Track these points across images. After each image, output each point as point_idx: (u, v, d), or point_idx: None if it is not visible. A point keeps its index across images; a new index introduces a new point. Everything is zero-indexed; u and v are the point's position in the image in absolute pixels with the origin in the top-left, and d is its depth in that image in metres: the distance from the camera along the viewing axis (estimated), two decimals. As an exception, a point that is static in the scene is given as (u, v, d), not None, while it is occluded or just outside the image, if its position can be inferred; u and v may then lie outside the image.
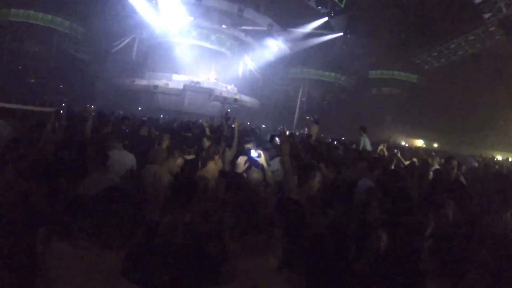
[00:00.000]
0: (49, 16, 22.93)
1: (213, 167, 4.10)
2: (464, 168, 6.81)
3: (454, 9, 20.54)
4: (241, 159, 3.40)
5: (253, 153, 3.31)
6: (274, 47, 25.92)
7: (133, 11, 21.96)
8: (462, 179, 5.50)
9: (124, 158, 4.03)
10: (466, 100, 23.02)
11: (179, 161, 3.86)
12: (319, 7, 22.85)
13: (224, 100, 22.61)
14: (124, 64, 23.91)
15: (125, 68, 23.74)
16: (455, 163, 6.28)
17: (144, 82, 22.70)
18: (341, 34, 25.38)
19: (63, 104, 13.97)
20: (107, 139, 4.24)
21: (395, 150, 8.54)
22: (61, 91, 20.90)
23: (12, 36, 22.26)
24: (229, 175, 3.06)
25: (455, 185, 3.41)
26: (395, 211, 2.58)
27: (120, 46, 23.81)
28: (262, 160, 3.42)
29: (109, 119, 7.14)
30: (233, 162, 4.08)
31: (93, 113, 5.53)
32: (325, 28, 25.16)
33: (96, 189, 1.47)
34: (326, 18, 23.91)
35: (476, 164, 10.39)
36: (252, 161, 3.45)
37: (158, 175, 3.59)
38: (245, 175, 3.27)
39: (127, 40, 24.17)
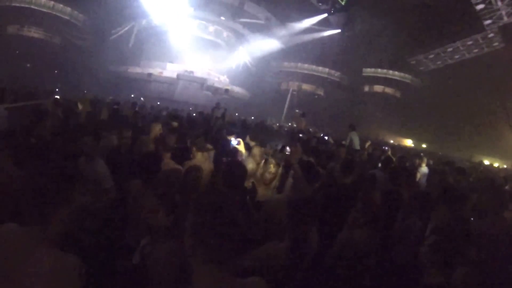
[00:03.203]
0: (52, 2, 22.92)
1: (200, 159, 3.98)
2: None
3: (455, 13, 20.50)
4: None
5: (233, 141, 3.35)
6: (270, 40, 25.83)
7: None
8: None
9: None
10: (458, 104, 23.11)
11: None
12: (320, 3, 22.68)
13: (216, 91, 22.96)
14: (121, 52, 23.95)
15: (121, 55, 23.81)
16: (446, 168, 6.46)
17: (138, 70, 23.18)
18: (339, 31, 25.35)
19: (57, 89, 13.75)
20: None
21: (385, 148, 8.53)
22: (55, 77, 20.49)
23: (13, 21, 22.22)
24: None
25: (448, 190, 3.38)
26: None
27: (119, 33, 23.59)
28: (241, 147, 3.45)
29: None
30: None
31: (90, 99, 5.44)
32: (324, 25, 25.07)
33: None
34: (325, 15, 23.76)
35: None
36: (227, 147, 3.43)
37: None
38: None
39: (126, 28, 23.99)
